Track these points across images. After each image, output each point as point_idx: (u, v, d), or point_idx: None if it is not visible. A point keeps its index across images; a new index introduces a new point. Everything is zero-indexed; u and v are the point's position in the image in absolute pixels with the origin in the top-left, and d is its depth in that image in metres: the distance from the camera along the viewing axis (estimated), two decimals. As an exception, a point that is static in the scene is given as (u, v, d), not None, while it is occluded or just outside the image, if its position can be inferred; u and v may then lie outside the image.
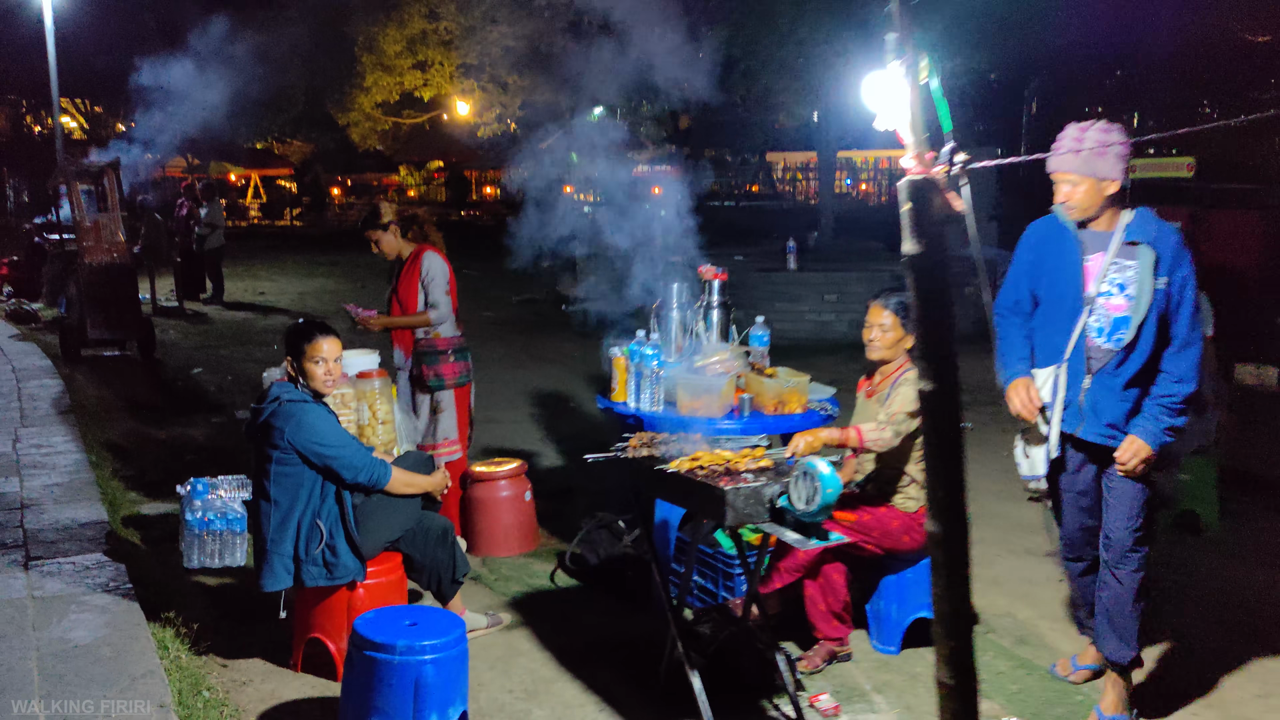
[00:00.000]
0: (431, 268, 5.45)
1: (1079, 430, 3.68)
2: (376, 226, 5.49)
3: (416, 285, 5.46)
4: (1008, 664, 4.22)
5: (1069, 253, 3.65)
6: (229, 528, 5.19)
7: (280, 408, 3.91)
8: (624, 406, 4.66)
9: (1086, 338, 3.63)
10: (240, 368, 10.94)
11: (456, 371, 5.52)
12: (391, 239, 5.53)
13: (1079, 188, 3.56)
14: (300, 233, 32.25)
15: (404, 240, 5.58)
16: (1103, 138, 3.47)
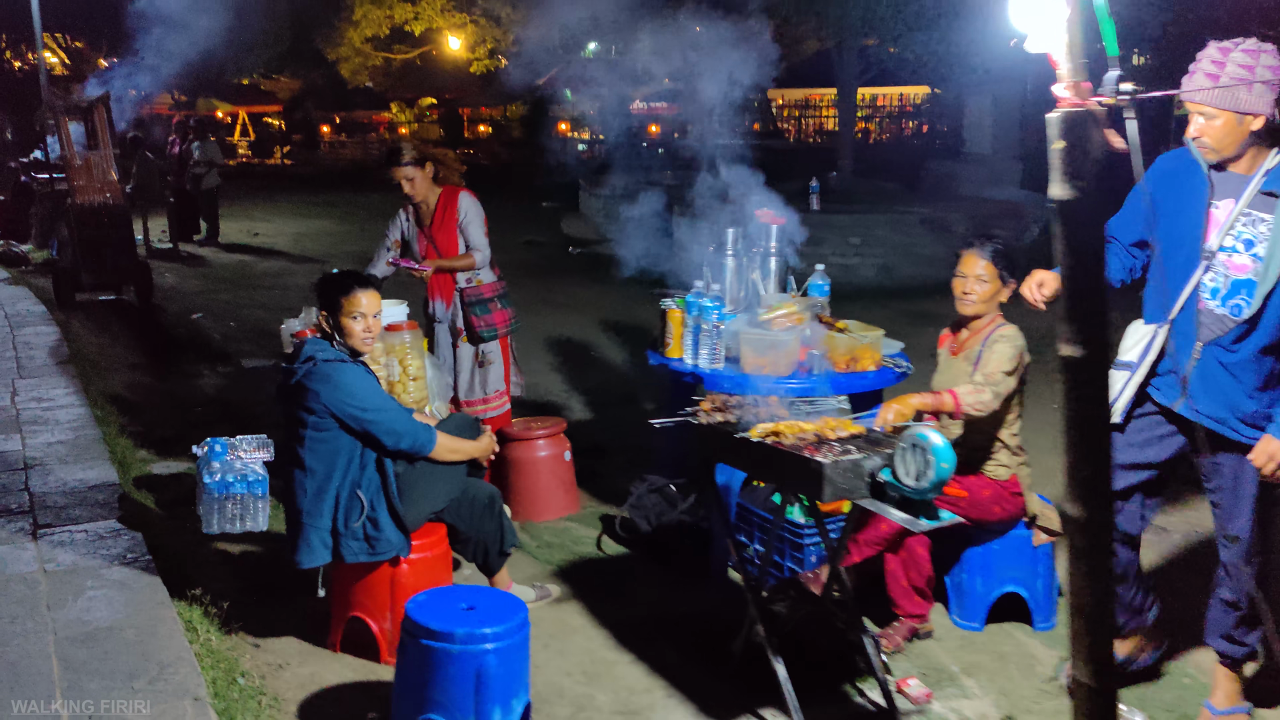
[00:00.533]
0: (469, 209, 5.10)
1: (1177, 405, 3.20)
2: (409, 163, 5.08)
3: (455, 229, 5.08)
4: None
5: (1195, 195, 3.16)
6: (250, 491, 4.85)
7: (315, 368, 3.55)
8: (680, 364, 4.30)
9: (1199, 298, 3.12)
10: (243, 313, 10.54)
11: (507, 319, 5.22)
12: (425, 178, 5.12)
13: (1214, 122, 3.04)
14: (292, 172, 31.59)
15: (435, 180, 5.19)
16: (1249, 60, 2.99)
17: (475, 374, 5.19)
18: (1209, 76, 3.03)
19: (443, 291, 5.22)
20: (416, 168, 5.07)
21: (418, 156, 5.10)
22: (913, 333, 8.13)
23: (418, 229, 5.23)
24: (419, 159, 5.09)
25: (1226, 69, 3.00)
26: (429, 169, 5.12)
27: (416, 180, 5.08)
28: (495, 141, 37.64)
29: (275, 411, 6.86)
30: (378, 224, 19.49)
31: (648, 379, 7.87)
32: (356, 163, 35.55)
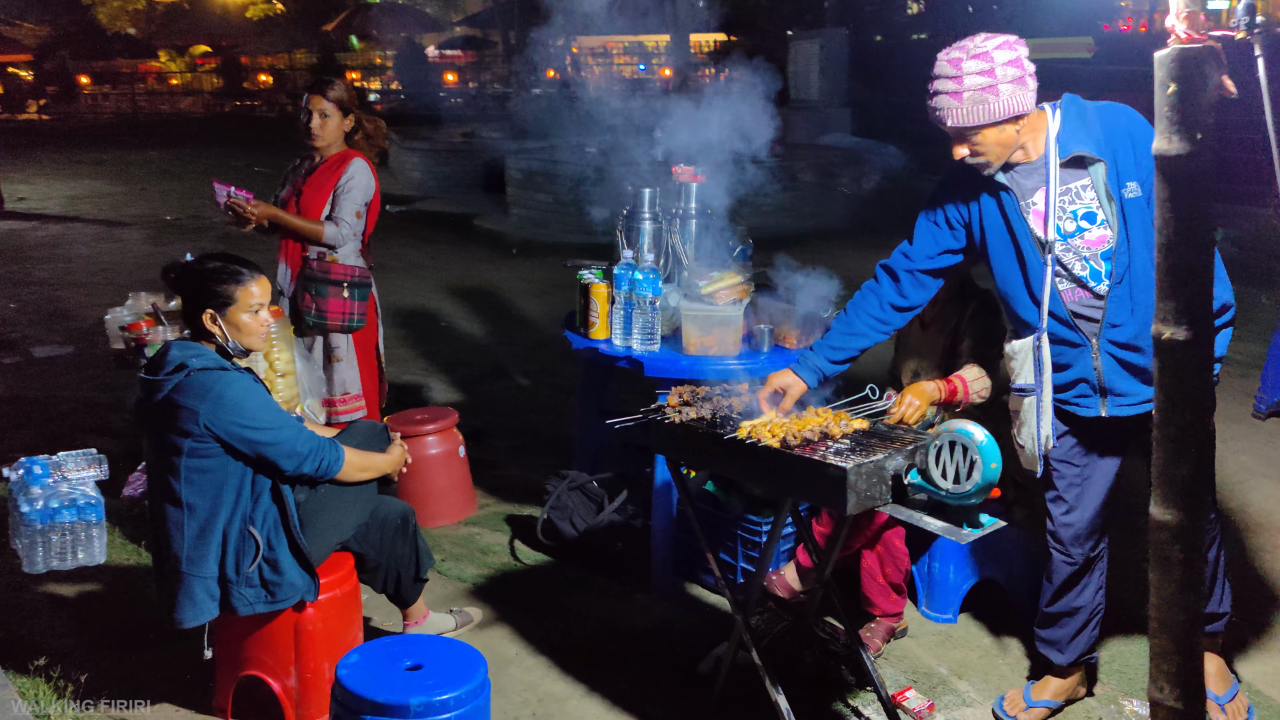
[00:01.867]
0: (357, 176, 4.33)
1: (1103, 409, 2.82)
2: (333, 99, 4.32)
3: (330, 192, 4.32)
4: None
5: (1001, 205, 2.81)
6: (81, 518, 4.03)
7: (190, 380, 2.82)
8: (611, 346, 3.77)
9: (1061, 295, 2.75)
10: (23, 292, 9.22)
11: (345, 311, 4.31)
12: (338, 125, 4.36)
13: (982, 143, 2.67)
14: (50, 128, 28.57)
15: (348, 136, 4.44)
16: (983, 65, 2.60)
17: (323, 369, 4.45)
18: (952, 96, 2.64)
19: (289, 257, 4.46)
20: (337, 108, 4.32)
21: (346, 102, 4.35)
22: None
23: (295, 177, 4.45)
24: (346, 106, 4.35)
25: (965, 82, 2.62)
26: (349, 121, 4.38)
27: (330, 123, 4.32)
28: (278, 92, 35.30)
29: (84, 411, 6.01)
30: (159, 184, 17.86)
31: (512, 348, 7.29)
32: (124, 116, 32.58)
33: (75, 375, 6.78)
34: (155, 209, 14.37)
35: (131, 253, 11.23)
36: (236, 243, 10.89)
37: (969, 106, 2.63)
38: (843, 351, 2.97)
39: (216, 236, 12.02)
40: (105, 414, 5.87)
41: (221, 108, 33.26)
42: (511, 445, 5.32)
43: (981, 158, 2.72)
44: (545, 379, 6.57)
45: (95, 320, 8.21)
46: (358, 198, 4.31)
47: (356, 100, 4.45)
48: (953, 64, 2.64)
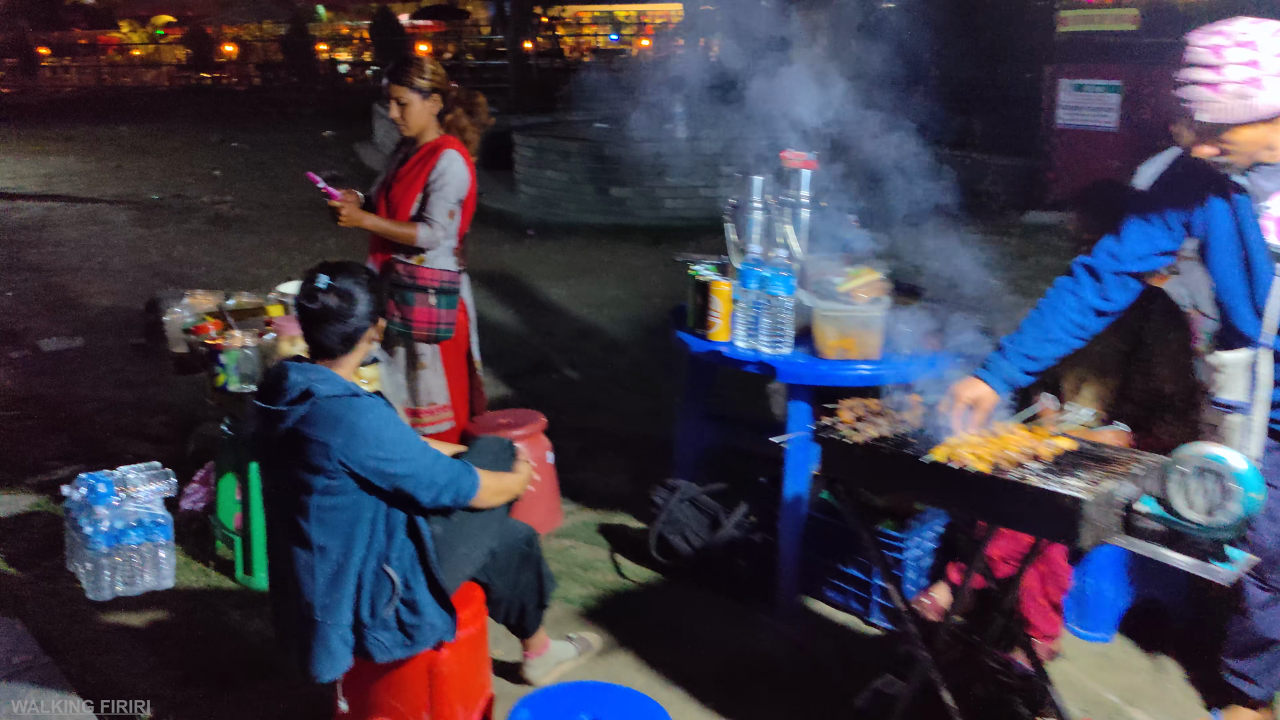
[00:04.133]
0: (449, 170, 3.91)
1: None
2: (414, 87, 3.91)
3: (420, 187, 3.97)
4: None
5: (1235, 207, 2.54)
6: (149, 539, 3.70)
7: (318, 410, 2.50)
8: (735, 349, 3.48)
9: None
10: (18, 279, 8.76)
11: (432, 320, 3.98)
12: (425, 110, 3.96)
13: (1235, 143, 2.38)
14: (11, 101, 27.61)
15: (438, 122, 4.04)
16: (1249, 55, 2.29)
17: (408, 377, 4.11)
18: (1209, 88, 2.33)
19: (376, 258, 4.13)
20: (418, 95, 3.92)
21: (431, 84, 3.94)
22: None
23: (391, 166, 4.11)
24: (430, 87, 3.94)
25: (1226, 73, 2.32)
26: (435, 102, 3.98)
27: (411, 109, 3.93)
28: (244, 63, 34.42)
29: (113, 412, 5.59)
30: (134, 160, 17.29)
31: (553, 338, 6.98)
32: (87, 90, 31.62)
33: (91, 370, 6.40)
34: (136, 188, 13.83)
35: (122, 235, 10.76)
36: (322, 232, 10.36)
37: (1229, 102, 2.31)
38: (1038, 361, 2.70)
39: (207, 218, 11.57)
40: (137, 415, 5.51)
41: (187, 80, 32.34)
42: (579, 447, 5.03)
43: (1230, 158, 2.44)
44: (594, 372, 6.28)
45: (100, 309, 7.81)
46: (450, 194, 3.95)
47: (443, 77, 4.06)
48: (1212, 50, 2.33)
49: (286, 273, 8.84)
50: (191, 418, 5.20)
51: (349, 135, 18.64)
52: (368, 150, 16.70)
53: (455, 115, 4.09)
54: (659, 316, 7.27)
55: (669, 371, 6.16)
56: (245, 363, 3.56)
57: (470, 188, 4.00)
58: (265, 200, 12.74)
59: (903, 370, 3.25)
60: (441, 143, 3.98)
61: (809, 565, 3.58)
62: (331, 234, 10.55)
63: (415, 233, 3.90)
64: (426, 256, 3.99)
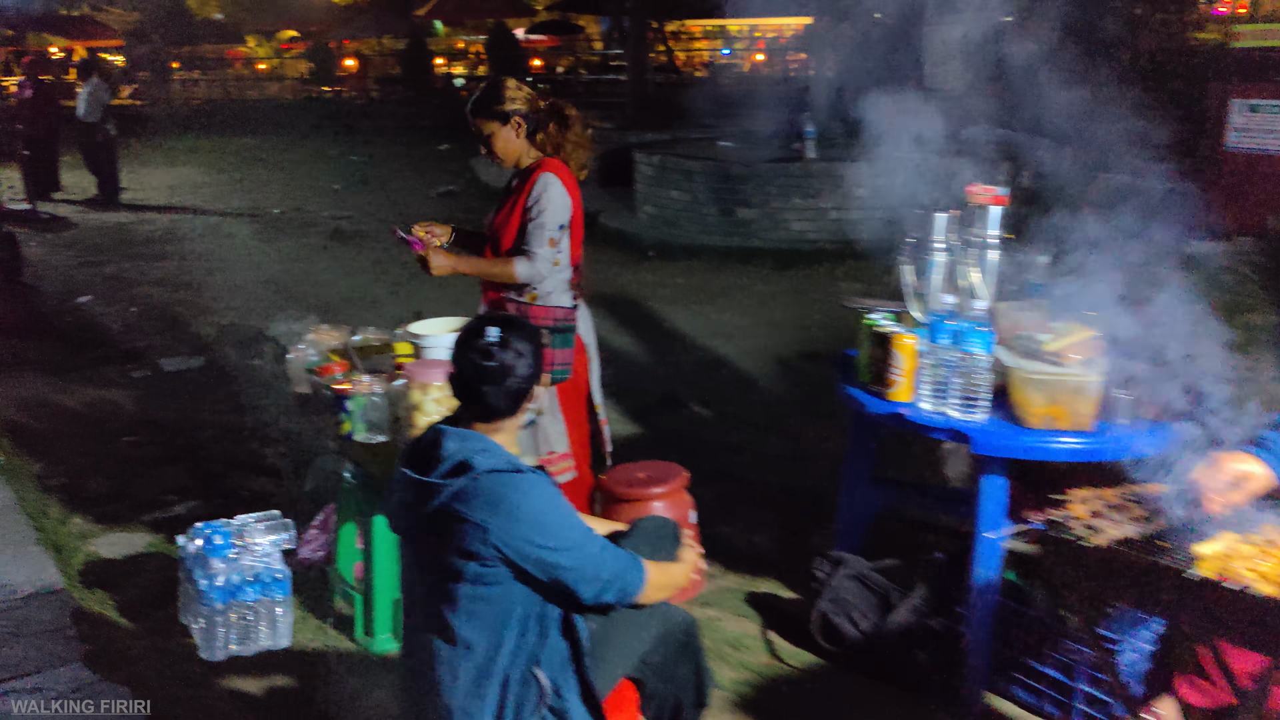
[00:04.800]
0: (544, 194, 3.55)
1: None
2: (493, 114, 3.58)
3: (520, 217, 3.64)
4: None
5: None
6: (266, 594, 3.44)
7: (476, 486, 2.16)
8: (919, 412, 3.06)
9: None
10: (140, 294, 8.77)
11: (550, 362, 3.59)
12: (512, 139, 3.62)
13: None
14: (142, 113, 28.51)
15: (530, 144, 3.70)
16: None
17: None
18: None
19: (487, 297, 3.82)
20: (498, 122, 3.59)
21: (512, 107, 3.58)
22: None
23: (500, 199, 3.79)
24: (511, 110, 3.58)
25: None
26: (519, 125, 3.62)
27: (500, 139, 3.59)
28: (363, 77, 35.05)
29: (230, 440, 5.40)
30: (256, 172, 17.57)
31: (679, 369, 6.61)
32: (214, 102, 32.55)
33: (209, 394, 6.26)
34: (258, 201, 13.95)
35: (243, 249, 10.78)
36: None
37: None
38: None
39: (326, 233, 11.54)
40: (253, 446, 5.30)
41: (309, 93, 33.06)
42: (715, 495, 4.64)
43: None
44: (725, 409, 5.88)
45: (219, 328, 7.72)
46: (548, 221, 3.58)
47: (525, 95, 3.70)
48: None
49: (405, 292, 8.69)
50: (309, 451, 4.98)
51: (465, 149, 18.64)
52: (484, 165, 16.63)
53: (549, 133, 3.74)
54: (791, 348, 6.86)
55: (807, 411, 5.75)
56: (373, 410, 3.27)
57: (574, 209, 3.62)
58: (383, 215, 12.69)
59: (1124, 444, 2.79)
60: (537, 166, 3.62)
61: (996, 658, 3.13)
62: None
63: (514, 269, 3.56)
64: (540, 293, 3.65)
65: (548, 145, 3.67)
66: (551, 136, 3.66)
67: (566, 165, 3.65)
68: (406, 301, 8.44)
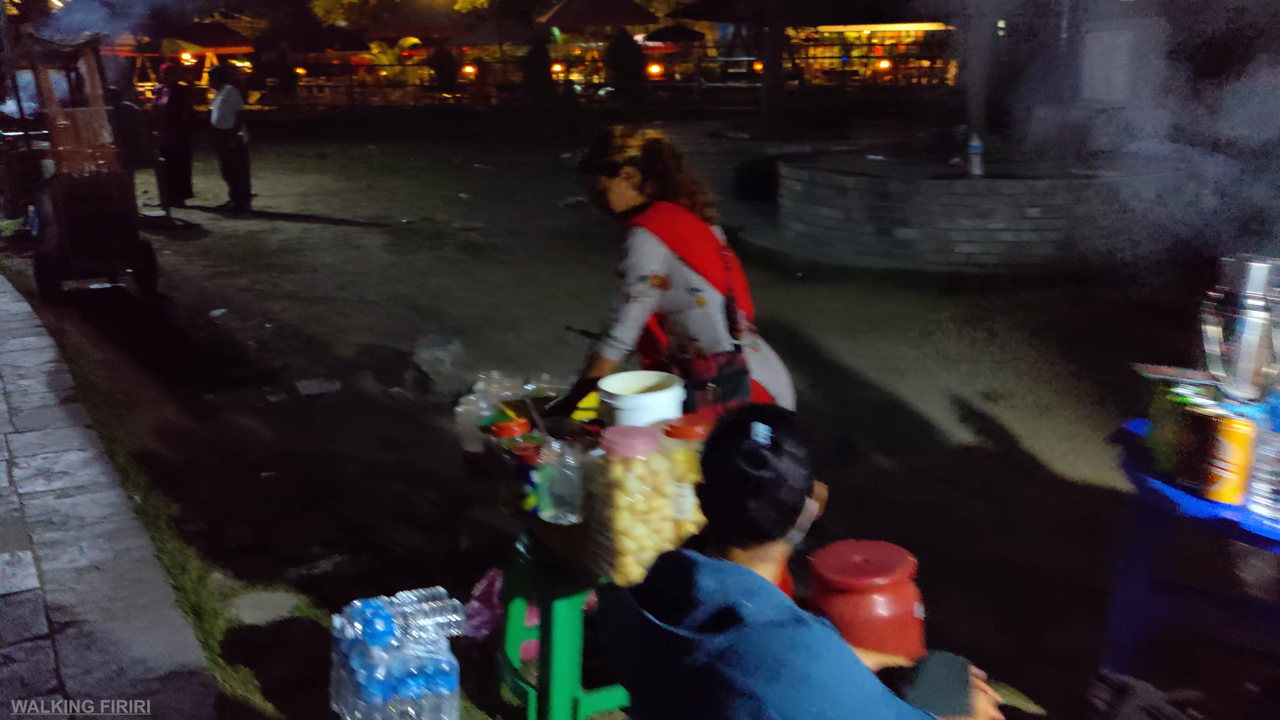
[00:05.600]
0: (629, 254, 3.09)
1: None
2: (603, 168, 3.16)
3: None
4: None
5: None
6: (430, 688, 2.98)
7: (748, 643, 1.64)
8: (1257, 520, 2.42)
9: None
10: (273, 308, 8.53)
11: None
12: (625, 190, 3.17)
13: None
14: (271, 119, 29.02)
15: (641, 192, 3.19)
16: None
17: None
18: None
19: (644, 363, 3.36)
20: (606, 175, 3.16)
21: (621, 157, 3.13)
22: (1148, 337, 6.36)
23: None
24: (622, 161, 3.13)
25: None
26: (631, 174, 3.15)
27: (611, 194, 3.18)
28: (483, 84, 35.20)
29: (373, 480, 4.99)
30: (383, 180, 17.53)
31: (851, 410, 6.01)
32: (339, 108, 33.06)
33: (348, 422, 5.91)
34: (386, 209, 13.79)
35: (375, 261, 10.54)
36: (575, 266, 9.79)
37: None
38: None
39: (458, 245, 11.25)
40: (399, 488, 4.90)
41: (430, 100, 33.32)
42: (919, 569, 4.05)
43: None
44: (911, 460, 5.27)
45: (357, 348, 7.42)
46: (630, 271, 3.08)
47: (631, 141, 3.22)
48: None
49: (544, 312, 8.27)
50: (462, 498, 4.56)
51: (588, 159, 18.32)
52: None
53: (655, 178, 3.23)
54: (971, 388, 6.20)
55: (1005, 467, 5.12)
56: (563, 484, 2.78)
57: (693, 246, 3.12)
58: (514, 227, 12.38)
59: None
60: (632, 220, 3.14)
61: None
62: (587, 269, 9.98)
63: (601, 358, 3.17)
64: (702, 343, 3.15)
65: (651, 182, 3.19)
66: (661, 179, 3.18)
67: (675, 202, 3.17)
68: (546, 322, 8.03)
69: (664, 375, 3.07)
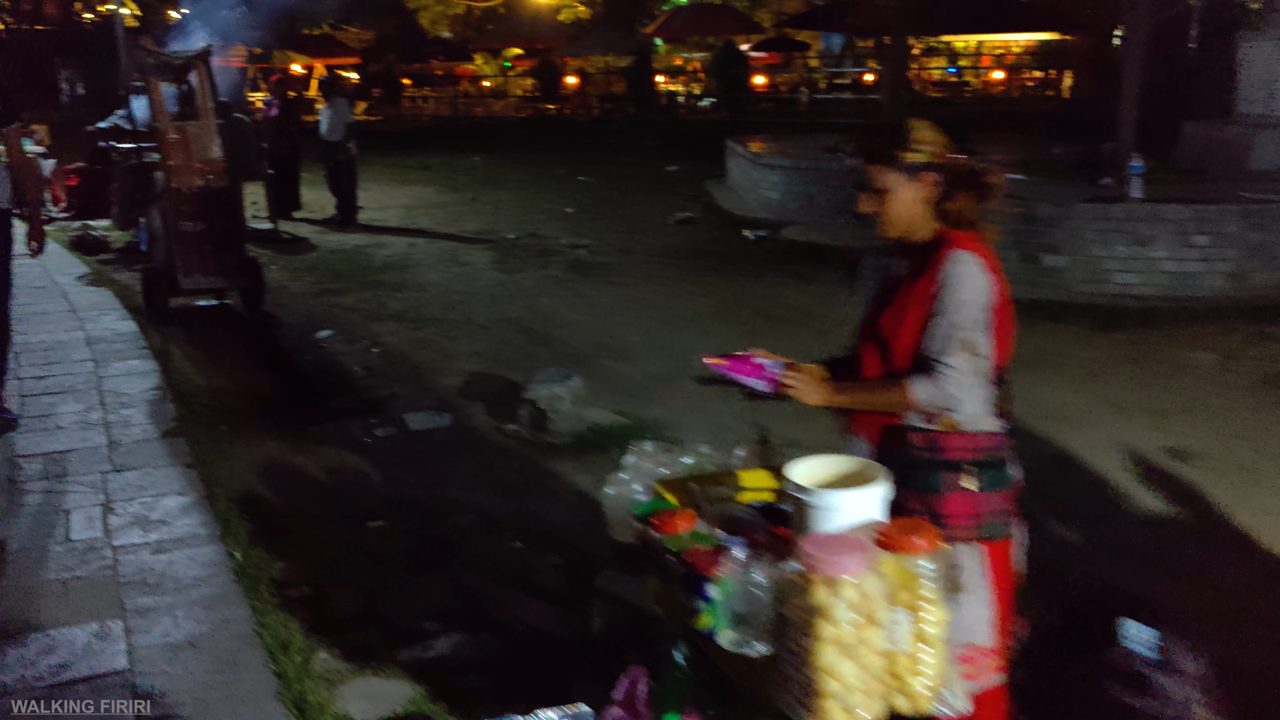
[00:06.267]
0: (958, 283, 2.47)
1: None
2: (898, 164, 2.55)
3: (920, 314, 2.56)
4: None
5: None
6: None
7: None
8: None
9: None
10: (379, 331, 8.20)
11: (975, 512, 2.54)
12: (914, 201, 2.56)
13: None
14: (376, 129, 29.19)
15: (934, 212, 2.59)
16: None
17: None
18: None
19: (872, 426, 2.72)
20: (904, 176, 2.56)
21: (926, 157, 2.53)
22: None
23: (870, 283, 2.74)
24: (924, 162, 2.54)
25: None
26: (927, 185, 2.56)
27: (896, 198, 2.55)
28: (584, 94, 34.98)
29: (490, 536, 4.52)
30: (487, 193, 17.27)
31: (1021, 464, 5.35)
32: (442, 119, 33.15)
33: (459, 463, 5.49)
34: (491, 224, 13.48)
35: (482, 280, 10.19)
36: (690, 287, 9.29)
37: None
38: None
39: (566, 264, 10.83)
40: (519, 546, 4.45)
41: (532, 110, 33.23)
42: (1129, 674, 3.41)
43: None
44: (1096, 531, 4.63)
45: (467, 376, 7.02)
46: (964, 319, 2.47)
47: (941, 144, 2.61)
48: None
49: (660, 340, 7.79)
50: (589, 562, 4.08)
51: (695, 171, 17.80)
52: (720, 189, 15.71)
53: (959, 201, 2.63)
54: (1149, 442, 5.51)
55: (1209, 543, 4.44)
56: (748, 603, 2.25)
57: (998, 300, 2.52)
58: (623, 245, 11.93)
59: None
60: (945, 241, 2.53)
61: None
62: (702, 291, 9.48)
63: (910, 395, 2.48)
64: (961, 417, 2.56)
65: (951, 218, 2.59)
66: (961, 206, 2.58)
67: (981, 243, 2.56)
68: (664, 351, 7.56)
69: (862, 462, 2.52)
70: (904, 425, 2.61)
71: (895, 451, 2.61)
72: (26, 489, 4.58)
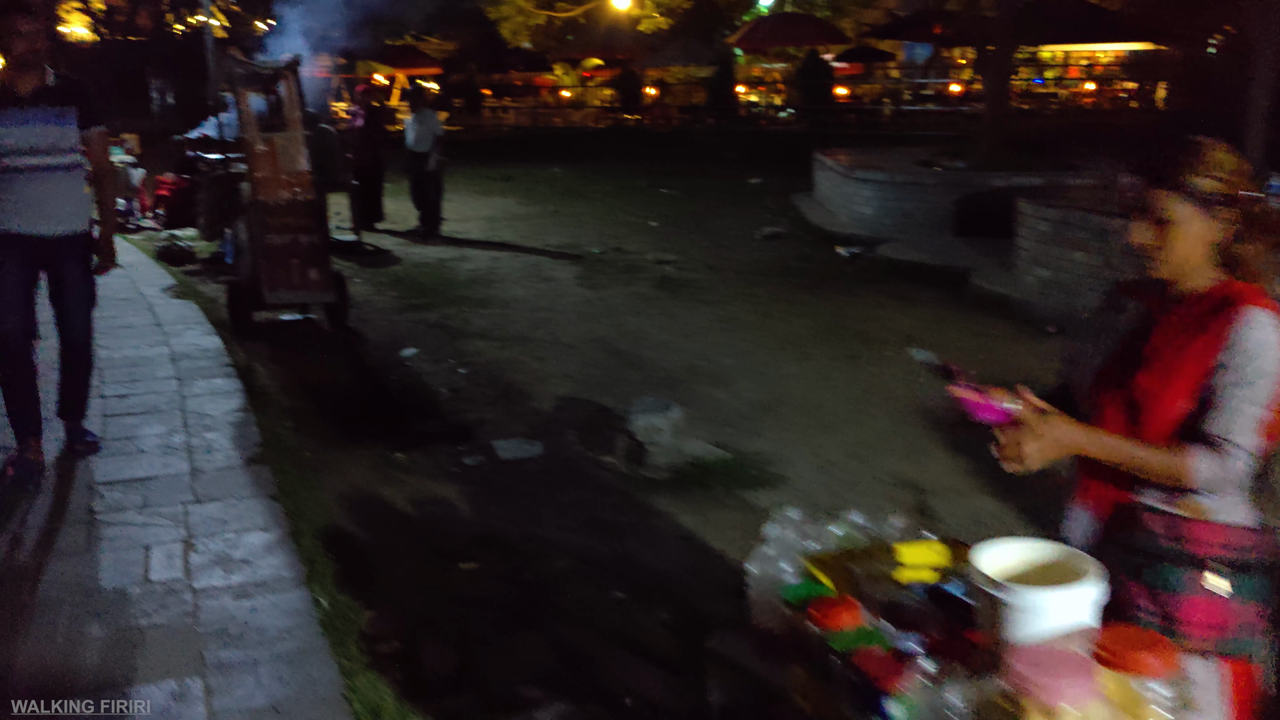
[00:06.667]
0: (1264, 354, 2.05)
1: None
2: (1188, 190, 2.11)
3: (1199, 376, 2.14)
4: None
5: None
6: None
7: None
8: None
9: None
10: (466, 349, 7.94)
11: (1222, 623, 2.10)
12: (1200, 239, 2.14)
13: None
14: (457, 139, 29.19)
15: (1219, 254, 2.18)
16: None
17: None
18: None
19: (1095, 498, 2.31)
20: (1194, 207, 2.13)
21: (1211, 187, 2.10)
22: None
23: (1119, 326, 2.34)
24: (1208, 195, 2.10)
25: None
26: (1219, 222, 2.13)
27: (1180, 231, 2.11)
28: (664, 105, 34.71)
29: (587, 582, 4.13)
30: (569, 205, 17.01)
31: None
32: (522, 129, 33.15)
33: (553, 498, 5.17)
34: (575, 237, 13.21)
35: (567, 297, 9.90)
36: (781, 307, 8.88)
37: None
38: None
39: (653, 280, 10.50)
40: (622, 596, 4.10)
41: (611, 121, 33.06)
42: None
43: None
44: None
45: (556, 401, 6.71)
46: (1260, 394, 2.08)
47: (1242, 175, 2.19)
48: None
49: (755, 365, 7.41)
50: (700, 620, 3.71)
51: (779, 183, 17.39)
52: (808, 203, 15.28)
53: (1253, 247, 2.20)
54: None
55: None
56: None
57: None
58: (709, 260, 11.58)
59: None
60: (1235, 294, 2.12)
61: None
62: (798, 313, 9.07)
63: (1191, 465, 2.05)
64: (1211, 504, 2.14)
65: (1244, 267, 2.16)
66: (1256, 255, 2.15)
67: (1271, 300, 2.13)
68: (760, 375, 7.19)
69: (1061, 549, 2.13)
70: (1139, 503, 2.20)
71: (1126, 536, 2.19)
72: (105, 521, 4.36)
